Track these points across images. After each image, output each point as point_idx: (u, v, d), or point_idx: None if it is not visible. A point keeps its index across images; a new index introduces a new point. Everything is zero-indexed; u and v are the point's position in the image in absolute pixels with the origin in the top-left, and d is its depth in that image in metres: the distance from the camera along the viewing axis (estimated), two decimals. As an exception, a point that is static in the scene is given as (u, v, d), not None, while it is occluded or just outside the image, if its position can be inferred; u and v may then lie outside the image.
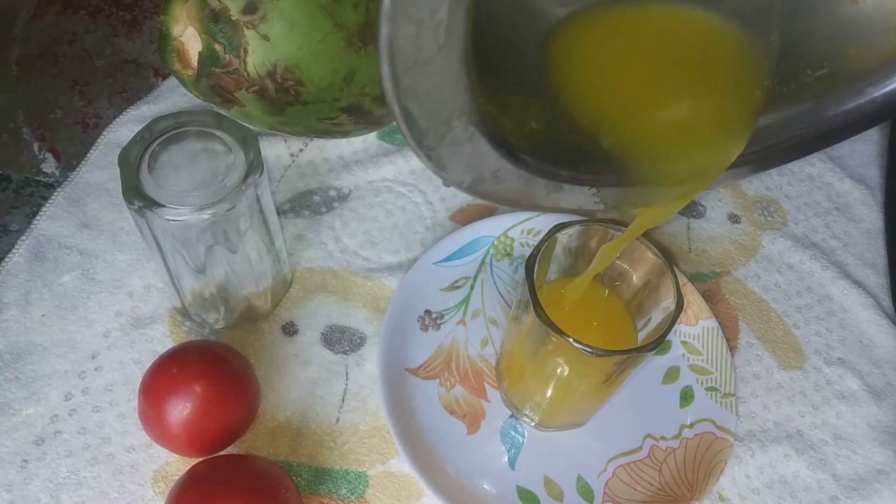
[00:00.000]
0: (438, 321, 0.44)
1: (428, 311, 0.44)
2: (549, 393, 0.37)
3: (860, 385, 0.43)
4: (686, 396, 0.42)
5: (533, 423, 0.40)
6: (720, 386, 0.42)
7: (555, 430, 0.41)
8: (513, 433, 0.40)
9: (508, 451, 0.40)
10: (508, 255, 0.46)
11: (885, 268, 0.49)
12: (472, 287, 0.45)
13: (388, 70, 0.20)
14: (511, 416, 0.41)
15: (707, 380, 0.42)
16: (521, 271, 0.38)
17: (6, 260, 0.44)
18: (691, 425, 0.41)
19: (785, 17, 0.28)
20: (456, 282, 0.45)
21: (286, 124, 0.43)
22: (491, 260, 0.46)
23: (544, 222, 0.46)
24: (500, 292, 0.45)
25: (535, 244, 0.34)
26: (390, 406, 0.39)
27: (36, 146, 0.50)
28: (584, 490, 0.39)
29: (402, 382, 0.41)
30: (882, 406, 0.43)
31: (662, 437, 0.41)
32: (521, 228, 0.46)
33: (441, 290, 0.45)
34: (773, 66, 0.28)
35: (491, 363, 0.43)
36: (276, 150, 0.49)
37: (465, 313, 0.44)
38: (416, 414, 0.40)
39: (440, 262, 0.45)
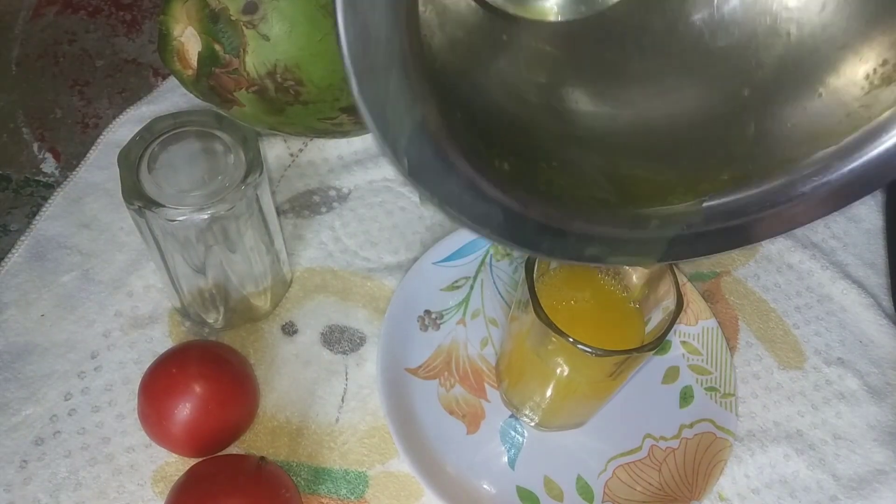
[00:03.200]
0: (438, 321, 0.44)
1: (428, 311, 0.44)
2: (549, 393, 0.37)
3: (860, 385, 0.43)
4: (686, 396, 0.42)
5: (533, 423, 0.40)
6: (720, 386, 0.42)
7: (555, 430, 0.41)
8: (512, 433, 0.40)
9: (508, 451, 0.40)
10: (508, 254, 0.46)
11: (884, 267, 0.49)
12: (471, 287, 0.45)
13: (351, 79, 0.22)
14: (511, 416, 0.41)
15: (707, 380, 0.42)
16: (521, 271, 0.38)
17: (6, 260, 0.44)
18: (691, 425, 0.41)
19: (760, 108, 0.31)
20: (456, 282, 0.45)
21: (286, 124, 0.43)
22: (491, 260, 0.46)
23: None
24: (499, 292, 0.45)
25: None
26: (390, 406, 0.39)
27: (36, 146, 0.50)
28: (584, 490, 0.39)
29: (401, 382, 0.41)
30: (882, 406, 0.43)
31: (662, 437, 0.41)
32: None
33: (441, 290, 0.45)
34: (748, 149, 0.31)
35: (491, 363, 0.43)
36: (275, 150, 0.49)
37: (464, 313, 0.44)
38: (415, 414, 0.40)
39: (440, 262, 0.45)
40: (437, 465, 0.39)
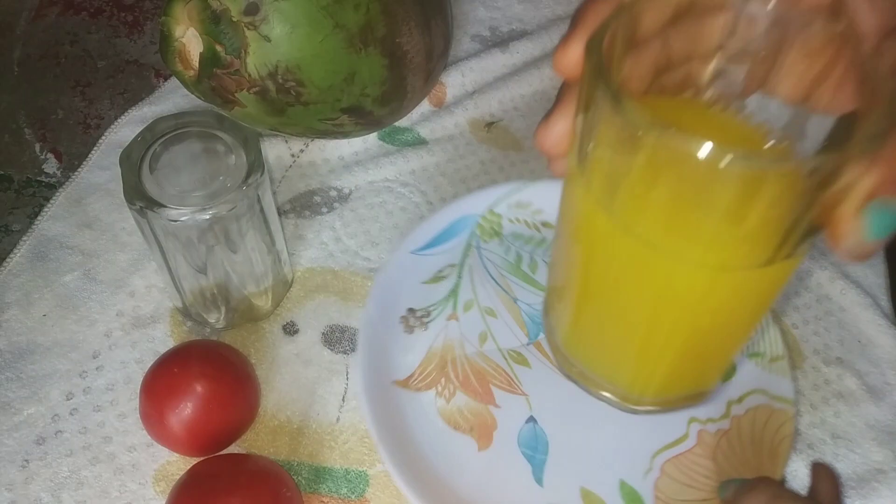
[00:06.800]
0: (425, 319, 0.38)
1: (411, 310, 0.38)
2: (663, 324, 0.23)
3: (858, 385, 0.44)
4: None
5: (619, 399, 0.28)
6: (764, 350, 0.36)
7: (657, 405, 0.28)
8: (533, 441, 0.34)
9: (532, 464, 0.34)
10: (497, 233, 0.41)
11: (883, 267, 0.49)
12: (459, 276, 0.39)
13: None
14: (529, 420, 0.35)
15: (747, 346, 0.37)
16: (514, 251, 0.34)
17: (8, 260, 0.44)
18: (739, 400, 0.36)
19: None
20: (440, 271, 0.40)
21: (287, 125, 0.44)
22: (478, 242, 0.41)
23: (535, 194, 0.41)
24: (492, 277, 0.40)
25: (528, 217, 0.30)
26: (381, 429, 0.33)
27: (37, 147, 0.50)
28: (631, 496, 0.33)
29: (391, 399, 0.35)
30: (880, 405, 0.43)
31: (710, 419, 0.35)
32: (507, 202, 0.41)
33: (424, 282, 0.39)
34: None
35: (493, 360, 0.37)
36: (276, 150, 0.49)
37: (455, 306, 0.38)
38: (413, 436, 0.34)
39: (419, 250, 0.39)
40: (450, 493, 0.33)
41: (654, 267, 0.20)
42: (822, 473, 0.36)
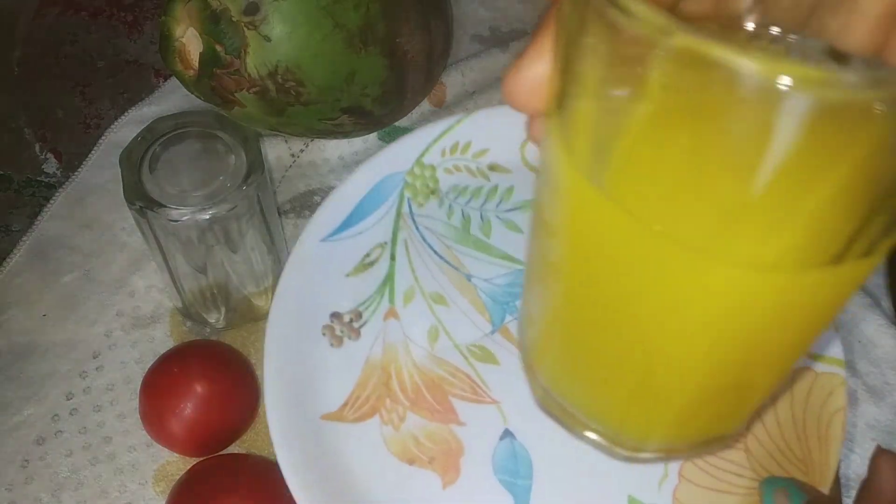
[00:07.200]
0: (356, 324, 0.30)
1: (336, 315, 0.30)
2: (677, 347, 0.16)
3: (859, 385, 0.44)
4: None
5: (625, 447, 0.20)
6: None
7: (665, 454, 0.21)
8: (512, 464, 0.27)
9: (514, 493, 0.27)
10: (433, 192, 0.33)
11: (883, 267, 0.49)
12: (393, 257, 0.31)
13: None
14: (503, 436, 0.27)
15: None
16: (459, 212, 0.24)
17: (8, 260, 0.44)
18: None
19: None
20: (367, 255, 0.31)
21: (287, 125, 0.44)
22: (410, 208, 0.32)
23: (474, 129, 0.33)
24: (435, 251, 0.31)
25: (469, 163, 0.23)
26: (310, 489, 0.26)
27: (37, 147, 0.50)
28: None
29: (321, 441, 0.28)
30: (881, 406, 0.43)
31: None
32: (440, 147, 0.33)
33: (347, 275, 0.31)
34: None
35: (451, 362, 0.29)
36: (276, 150, 0.49)
37: (392, 299, 0.30)
38: (357, 483, 0.27)
39: (332, 235, 0.31)
40: None
41: (665, 266, 0.13)
42: (886, 465, 0.27)
